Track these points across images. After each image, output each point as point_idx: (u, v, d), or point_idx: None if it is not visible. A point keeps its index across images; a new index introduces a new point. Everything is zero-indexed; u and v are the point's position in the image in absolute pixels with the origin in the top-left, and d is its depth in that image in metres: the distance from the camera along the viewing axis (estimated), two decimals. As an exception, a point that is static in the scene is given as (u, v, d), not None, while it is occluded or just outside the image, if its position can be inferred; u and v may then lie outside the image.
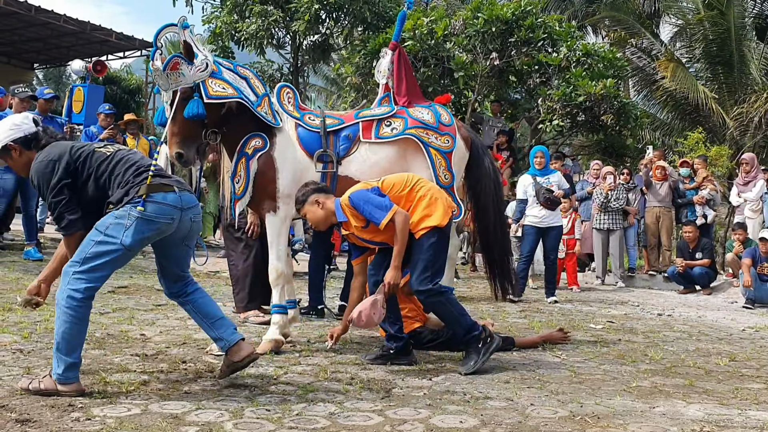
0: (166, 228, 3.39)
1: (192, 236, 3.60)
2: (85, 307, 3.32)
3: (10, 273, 7.15)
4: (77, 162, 3.44)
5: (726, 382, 4.30)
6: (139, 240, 3.33)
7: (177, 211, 3.41)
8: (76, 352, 3.30)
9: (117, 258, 3.35)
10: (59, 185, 3.37)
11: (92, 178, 3.44)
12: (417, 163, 5.05)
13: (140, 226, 3.30)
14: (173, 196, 3.40)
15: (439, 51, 12.10)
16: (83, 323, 3.33)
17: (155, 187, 3.36)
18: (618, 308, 8.01)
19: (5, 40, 20.09)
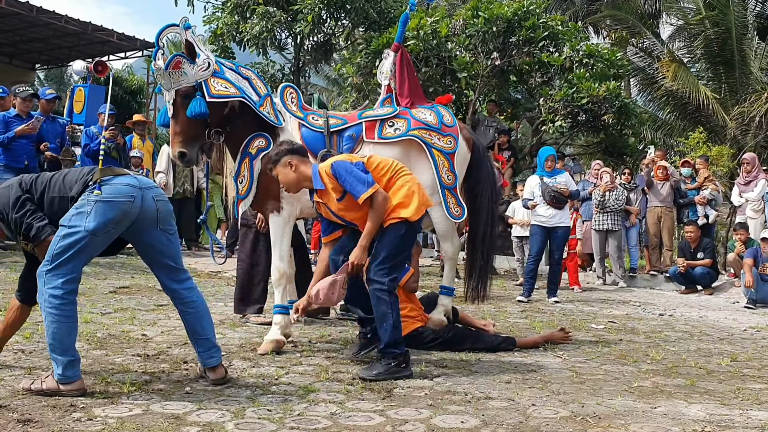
0: (128, 208, 3.33)
1: (166, 219, 3.50)
2: (69, 303, 3.29)
3: (12, 273, 7.16)
4: (29, 182, 3.52)
5: (727, 382, 4.30)
6: (103, 223, 3.27)
7: (136, 189, 3.37)
8: (70, 350, 3.29)
9: (85, 245, 3.28)
10: (19, 201, 3.40)
11: (47, 189, 3.48)
12: (420, 164, 5.06)
13: (101, 209, 3.27)
14: (128, 177, 3.41)
15: (441, 51, 12.09)
16: (71, 320, 3.30)
17: (108, 171, 3.39)
18: (619, 308, 8.01)
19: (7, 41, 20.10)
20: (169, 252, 3.57)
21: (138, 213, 3.36)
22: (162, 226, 3.48)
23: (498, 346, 4.98)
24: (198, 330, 3.64)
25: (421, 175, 5.08)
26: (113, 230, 3.35)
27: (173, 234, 3.56)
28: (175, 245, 3.62)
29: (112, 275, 7.82)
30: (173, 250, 3.60)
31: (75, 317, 3.35)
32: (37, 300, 3.40)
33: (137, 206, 3.35)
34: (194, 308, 3.65)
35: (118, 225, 3.35)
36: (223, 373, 3.67)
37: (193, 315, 3.64)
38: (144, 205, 3.38)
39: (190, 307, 3.64)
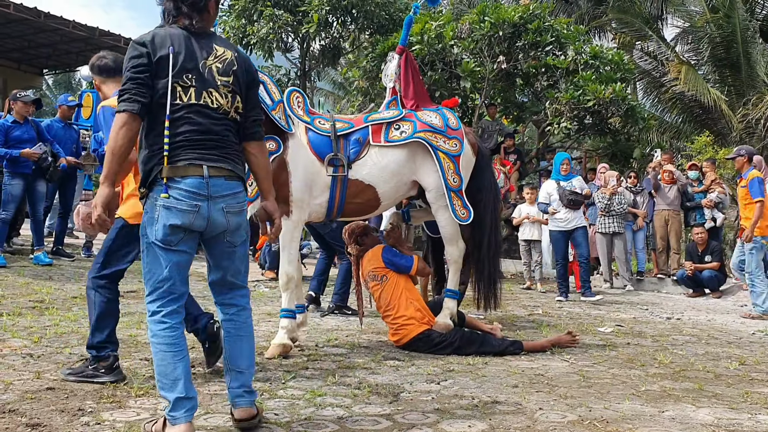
0: (192, 219, 2.82)
1: (234, 232, 2.97)
2: (167, 327, 2.83)
3: (20, 277, 7.19)
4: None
5: (736, 386, 4.28)
6: (170, 227, 2.81)
7: (202, 198, 2.84)
8: (178, 385, 2.79)
9: (163, 257, 2.85)
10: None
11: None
12: (426, 166, 5.07)
13: (165, 215, 2.81)
14: (196, 181, 2.82)
15: (447, 55, 12.10)
16: (173, 348, 2.82)
17: (179, 169, 2.82)
18: (627, 311, 7.99)
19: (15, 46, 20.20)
20: (225, 264, 3.04)
21: (205, 226, 2.88)
22: (228, 238, 2.97)
23: (505, 350, 4.98)
24: (234, 356, 3.05)
25: (426, 177, 5.09)
26: (181, 234, 2.85)
27: (238, 246, 3.03)
28: (237, 259, 3.05)
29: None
30: (232, 264, 3.04)
31: (179, 345, 2.84)
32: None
33: (203, 217, 2.86)
34: (235, 328, 3.07)
35: (189, 233, 2.87)
36: (252, 414, 3.02)
37: (233, 336, 3.07)
38: (211, 217, 2.87)
39: (231, 325, 3.07)
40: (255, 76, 3.14)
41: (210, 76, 2.91)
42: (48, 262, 8.21)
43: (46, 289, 6.60)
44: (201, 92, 2.87)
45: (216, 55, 2.95)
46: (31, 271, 7.73)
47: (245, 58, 3.10)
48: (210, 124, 2.89)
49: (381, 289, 5.08)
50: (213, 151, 2.88)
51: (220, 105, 2.92)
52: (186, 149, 2.83)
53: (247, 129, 3.07)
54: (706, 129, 17.06)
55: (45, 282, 7.10)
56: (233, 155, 2.97)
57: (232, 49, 3.05)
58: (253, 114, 3.10)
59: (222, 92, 2.94)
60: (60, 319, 5.32)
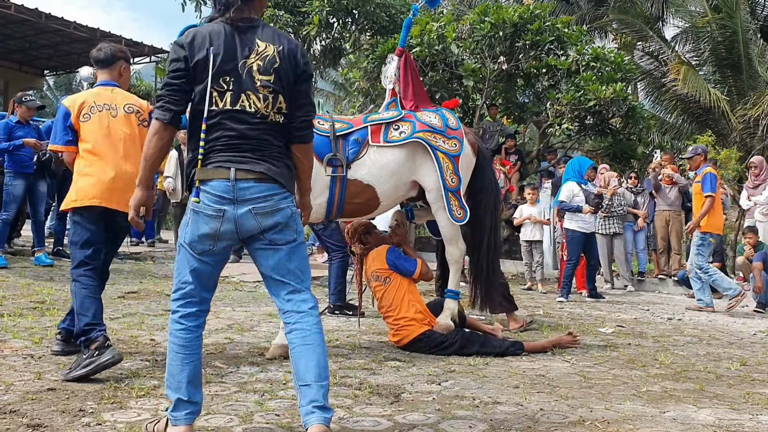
0: (218, 225, 2.72)
1: (272, 230, 2.77)
2: (184, 329, 2.78)
3: (21, 278, 7.20)
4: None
5: (737, 386, 4.28)
6: (198, 237, 2.74)
7: (227, 202, 2.73)
8: (182, 388, 2.76)
9: (189, 260, 2.78)
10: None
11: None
12: (425, 166, 5.07)
13: (194, 220, 2.76)
14: (223, 184, 2.72)
15: (447, 56, 12.10)
16: (184, 351, 2.77)
17: (209, 172, 2.75)
18: (628, 312, 7.99)
19: (16, 47, 20.25)
20: (272, 264, 2.82)
21: (234, 230, 2.75)
22: (267, 236, 2.78)
23: (506, 351, 4.98)
24: (300, 370, 2.76)
25: (426, 177, 5.09)
26: (209, 242, 2.75)
27: (284, 245, 2.80)
28: (284, 258, 2.81)
29: (120, 280, 7.84)
30: (280, 264, 2.81)
31: (191, 348, 2.79)
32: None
33: (229, 221, 2.73)
34: (300, 337, 2.80)
35: (219, 240, 2.76)
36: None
37: (297, 347, 2.79)
38: (239, 221, 2.74)
39: (294, 335, 2.81)
40: (304, 69, 2.90)
41: (249, 77, 2.77)
42: (49, 262, 8.22)
43: (47, 290, 6.61)
44: (238, 96, 2.75)
45: (257, 52, 2.80)
46: (32, 271, 7.74)
47: (292, 52, 2.86)
48: (245, 130, 2.76)
49: (384, 290, 5.08)
50: (246, 154, 2.75)
51: (258, 109, 2.77)
52: (218, 153, 2.75)
53: (294, 131, 2.90)
54: (708, 129, 17.04)
55: (46, 283, 7.11)
56: (271, 157, 2.80)
57: (276, 42, 2.85)
58: (301, 114, 2.90)
59: (261, 94, 2.78)
60: (61, 319, 5.31)
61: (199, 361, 2.82)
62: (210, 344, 4.79)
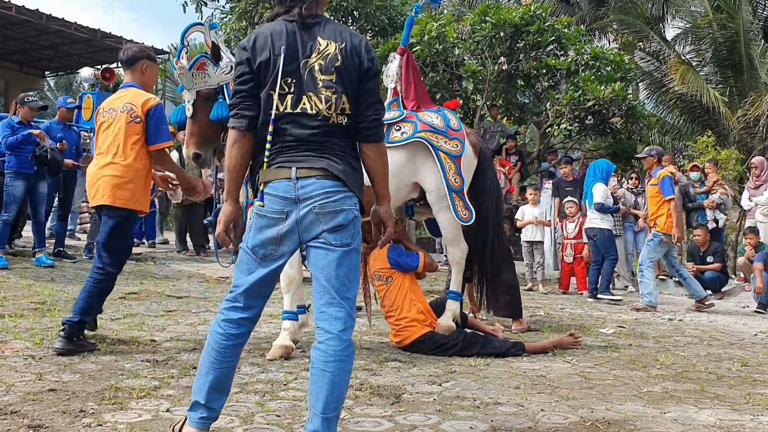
0: (281, 228, 2.63)
1: (331, 231, 2.64)
2: (218, 332, 2.68)
3: (22, 279, 7.20)
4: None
5: (738, 387, 4.28)
6: (260, 240, 2.65)
7: (289, 203, 2.63)
8: (203, 389, 2.67)
9: (249, 264, 2.69)
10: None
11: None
12: (426, 166, 5.06)
13: (257, 224, 2.68)
14: (284, 185, 2.63)
15: (448, 56, 12.10)
16: (213, 354, 2.68)
17: (271, 173, 2.67)
18: (628, 313, 7.99)
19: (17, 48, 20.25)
20: (321, 265, 2.66)
21: (296, 232, 2.64)
22: (325, 235, 2.64)
23: (507, 352, 4.98)
24: (311, 394, 2.60)
25: (427, 178, 5.08)
26: (277, 250, 2.66)
27: (338, 248, 2.64)
28: (333, 262, 2.64)
29: (121, 281, 7.81)
30: (328, 268, 2.64)
31: (223, 354, 2.67)
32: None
33: (291, 223, 2.63)
34: (320, 359, 2.59)
35: (281, 244, 2.66)
36: None
37: (315, 369, 2.61)
38: (302, 222, 2.63)
39: (316, 353, 2.61)
40: (369, 66, 2.74)
41: (310, 77, 2.66)
42: (50, 263, 8.22)
43: (48, 291, 6.61)
44: (299, 98, 2.65)
45: (319, 51, 2.68)
46: (32, 272, 7.74)
47: (355, 48, 2.73)
48: (307, 135, 2.65)
49: (386, 290, 5.07)
50: (307, 153, 2.65)
51: (319, 110, 2.65)
52: (279, 155, 2.66)
53: (363, 130, 2.74)
54: (708, 129, 17.05)
55: (47, 284, 7.11)
56: (333, 154, 2.67)
57: (339, 39, 2.72)
58: (369, 112, 2.74)
59: (323, 95, 2.66)
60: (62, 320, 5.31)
61: (230, 371, 2.71)
62: (211, 345, 4.79)
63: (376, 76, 2.78)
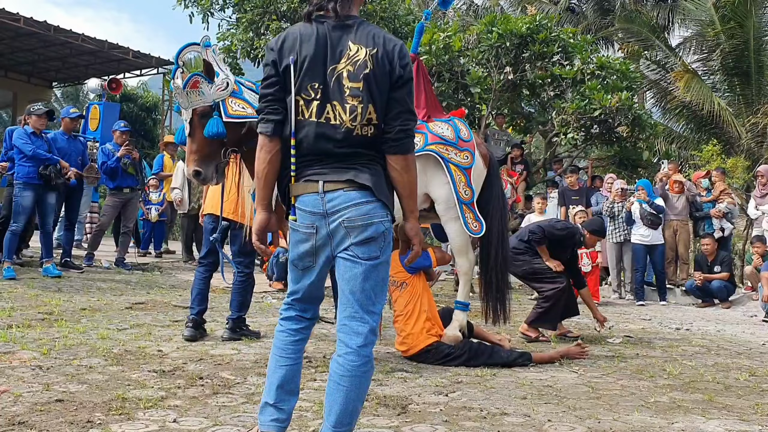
0: (313, 241, 2.61)
1: (359, 243, 2.57)
2: (279, 331, 2.75)
3: (30, 290, 7.22)
4: None
5: (746, 397, 4.26)
6: (298, 255, 2.65)
7: (318, 218, 2.59)
8: (272, 390, 2.69)
9: (292, 274, 2.72)
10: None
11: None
12: (437, 178, 5.06)
13: (293, 238, 2.67)
14: (313, 199, 2.58)
15: (454, 66, 12.14)
16: (276, 352, 2.74)
17: (300, 187, 2.63)
18: (635, 322, 7.96)
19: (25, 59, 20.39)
20: (347, 277, 2.60)
21: (328, 244, 2.60)
22: (353, 247, 2.58)
23: (514, 362, 4.97)
24: (325, 406, 2.59)
25: (437, 189, 5.08)
26: (315, 262, 2.65)
27: (365, 260, 2.58)
28: (360, 274, 2.58)
29: (128, 291, 7.87)
30: (354, 279, 2.59)
31: (286, 351, 2.73)
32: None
33: (323, 237, 2.59)
34: (337, 374, 2.57)
35: (318, 255, 2.63)
36: None
37: (332, 382, 2.59)
38: (333, 234, 2.58)
39: (335, 365, 2.60)
40: (401, 74, 2.61)
41: (337, 85, 2.56)
42: (57, 273, 8.25)
43: (55, 301, 6.63)
44: (324, 106, 2.56)
45: (348, 57, 2.57)
46: (40, 283, 7.76)
47: (387, 55, 2.60)
48: (331, 146, 2.57)
49: (399, 295, 5.08)
50: (333, 165, 2.58)
51: (343, 121, 2.55)
52: (307, 167, 2.60)
53: (389, 140, 2.61)
54: (714, 138, 17.02)
55: (54, 294, 7.13)
56: (359, 164, 2.58)
57: (371, 45, 2.60)
58: (397, 123, 2.61)
59: (348, 105, 2.55)
60: (69, 330, 5.34)
61: (296, 368, 2.74)
62: (217, 355, 4.79)
63: (407, 84, 2.65)
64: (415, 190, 2.72)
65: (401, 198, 2.72)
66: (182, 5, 15.30)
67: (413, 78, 2.78)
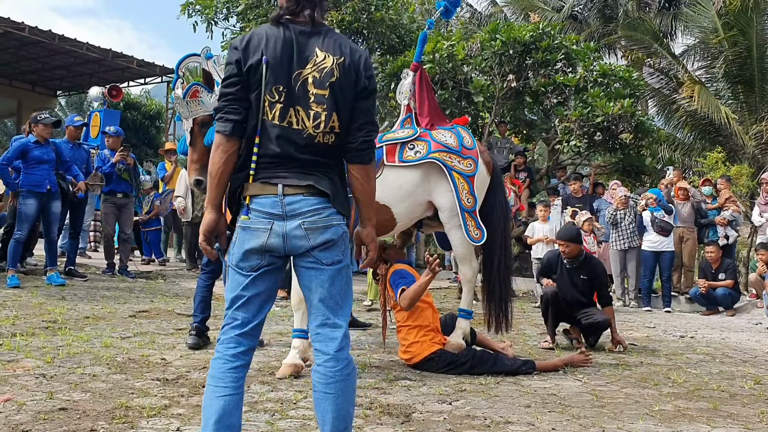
0: (265, 239, 2.53)
1: (321, 248, 2.54)
2: (215, 358, 2.56)
3: (34, 298, 7.23)
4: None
5: (751, 405, 4.24)
6: (243, 252, 2.55)
7: (275, 218, 2.53)
8: (208, 425, 2.47)
9: (237, 282, 2.59)
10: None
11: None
12: (440, 186, 5.07)
13: (241, 237, 2.57)
14: (271, 200, 2.54)
15: (457, 74, 12.16)
16: (211, 381, 2.53)
17: (257, 187, 2.57)
18: (640, 330, 7.93)
19: (30, 69, 20.50)
20: (312, 287, 2.59)
21: (282, 245, 2.54)
22: (315, 253, 2.55)
23: (517, 370, 4.96)
24: (318, 417, 2.57)
25: (440, 197, 5.09)
26: (262, 262, 2.56)
27: (329, 266, 2.57)
28: (326, 281, 2.57)
29: (131, 299, 7.87)
30: (322, 287, 2.57)
31: (222, 381, 2.52)
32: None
33: (277, 235, 2.53)
34: (321, 382, 2.54)
35: (265, 256, 2.56)
36: None
37: (317, 393, 2.55)
38: (288, 235, 2.53)
39: (317, 376, 2.55)
40: (366, 85, 2.62)
41: (302, 90, 2.52)
42: (61, 282, 8.26)
43: (59, 309, 6.63)
44: (287, 110, 2.51)
45: (315, 63, 2.55)
46: (44, 291, 7.77)
47: (354, 64, 2.60)
48: (293, 151, 2.53)
49: (400, 307, 5.08)
50: (293, 170, 2.54)
51: (305, 128, 2.51)
52: (265, 169, 2.54)
53: (352, 150, 2.61)
54: (718, 145, 17.00)
55: (58, 302, 7.14)
56: (320, 171, 2.56)
57: (337, 53, 2.59)
58: (361, 133, 2.61)
59: (312, 111, 2.53)
60: (72, 339, 5.34)
61: (236, 399, 2.50)
62: (221, 363, 4.79)
63: (372, 95, 2.66)
64: (373, 198, 2.74)
65: (360, 205, 2.72)
66: (186, 14, 15.36)
67: (377, 90, 2.77)
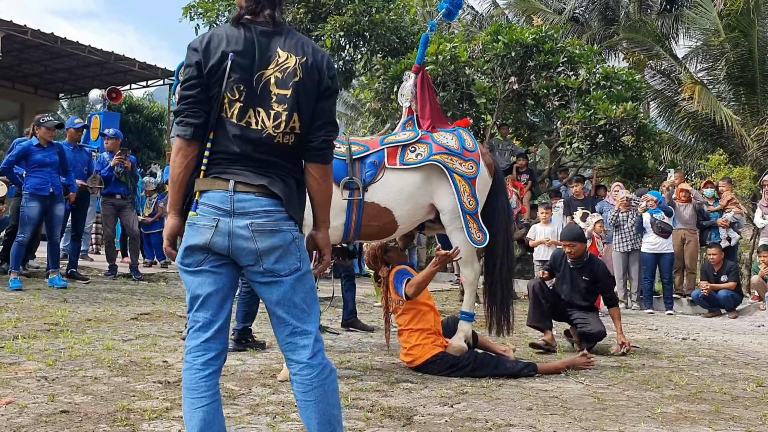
0: (209, 236, 2.44)
1: (270, 256, 2.46)
2: (186, 369, 2.48)
3: (36, 300, 7.24)
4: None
5: (753, 408, 4.23)
6: (186, 247, 2.48)
7: (222, 213, 2.45)
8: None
9: (189, 282, 2.52)
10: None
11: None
12: (441, 189, 5.06)
13: (187, 234, 2.51)
14: (221, 195, 2.46)
15: (459, 76, 12.16)
16: (187, 393, 2.46)
17: (207, 182, 2.51)
18: (642, 332, 7.92)
19: (32, 71, 20.54)
20: (274, 300, 2.50)
21: (227, 245, 2.45)
22: (266, 265, 2.46)
23: (519, 372, 4.95)
24: (306, 425, 2.52)
25: (442, 199, 5.08)
26: (200, 257, 2.48)
27: (287, 276, 2.48)
28: (287, 291, 2.49)
29: (133, 302, 7.88)
30: (284, 298, 2.49)
31: (198, 390, 2.45)
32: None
33: (222, 233, 2.44)
34: (301, 391, 2.49)
35: (209, 253, 2.47)
36: None
37: (299, 401, 2.50)
38: (234, 234, 2.44)
39: (297, 387, 2.50)
40: (328, 85, 2.58)
41: (264, 90, 2.48)
42: (63, 284, 8.27)
43: (61, 312, 6.64)
44: (246, 110, 2.46)
45: (277, 63, 2.50)
46: (46, 293, 7.78)
47: (317, 64, 2.56)
48: (249, 150, 2.47)
49: (401, 312, 5.09)
50: (247, 168, 2.48)
51: (265, 128, 2.46)
52: (218, 165, 2.50)
53: (312, 149, 2.56)
54: (720, 147, 16.99)
55: (60, 304, 7.14)
56: (276, 173, 2.50)
57: (300, 53, 2.54)
58: (321, 133, 2.56)
59: (273, 111, 2.48)
60: (74, 341, 5.34)
61: (215, 407, 2.44)
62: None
63: (334, 95, 2.63)
64: (329, 199, 2.69)
65: (315, 206, 2.68)
66: (188, 17, 15.39)
67: (338, 91, 2.73)
